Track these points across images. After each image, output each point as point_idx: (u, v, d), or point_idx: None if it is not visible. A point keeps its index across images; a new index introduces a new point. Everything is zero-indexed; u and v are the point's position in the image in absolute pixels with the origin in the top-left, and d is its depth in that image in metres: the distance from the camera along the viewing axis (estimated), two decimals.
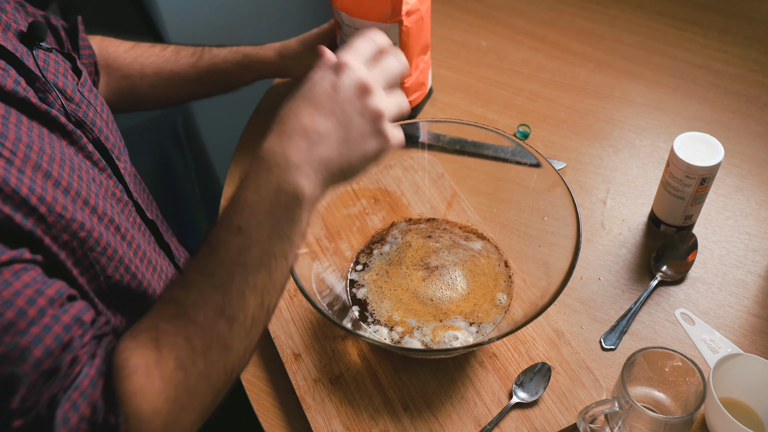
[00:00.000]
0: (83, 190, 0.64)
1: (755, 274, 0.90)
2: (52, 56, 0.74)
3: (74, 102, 0.73)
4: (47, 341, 0.51)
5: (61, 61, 0.76)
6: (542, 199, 0.86)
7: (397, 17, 0.94)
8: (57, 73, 0.73)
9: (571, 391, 0.78)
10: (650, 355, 0.73)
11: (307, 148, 0.56)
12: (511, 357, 0.81)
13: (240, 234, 0.56)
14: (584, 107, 1.14)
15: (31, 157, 0.58)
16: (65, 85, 0.73)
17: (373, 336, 0.81)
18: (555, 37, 1.27)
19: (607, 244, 0.94)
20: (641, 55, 1.22)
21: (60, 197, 0.60)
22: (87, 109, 0.75)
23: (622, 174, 1.03)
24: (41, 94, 0.67)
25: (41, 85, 0.67)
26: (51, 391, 0.51)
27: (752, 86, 1.15)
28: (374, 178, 0.97)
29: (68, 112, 0.70)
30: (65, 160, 0.64)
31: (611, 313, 0.87)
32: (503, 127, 1.10)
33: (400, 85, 1.02)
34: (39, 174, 0.59)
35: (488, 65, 1.22)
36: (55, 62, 0.74)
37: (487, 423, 0.76)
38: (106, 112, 0.80)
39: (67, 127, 0.66)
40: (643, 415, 0.69)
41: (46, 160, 0.60)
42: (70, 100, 0.72)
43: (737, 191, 1.00)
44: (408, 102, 0.69)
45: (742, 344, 0.83)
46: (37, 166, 0.59)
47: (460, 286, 0.86)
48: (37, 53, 0.71)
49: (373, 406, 0.77)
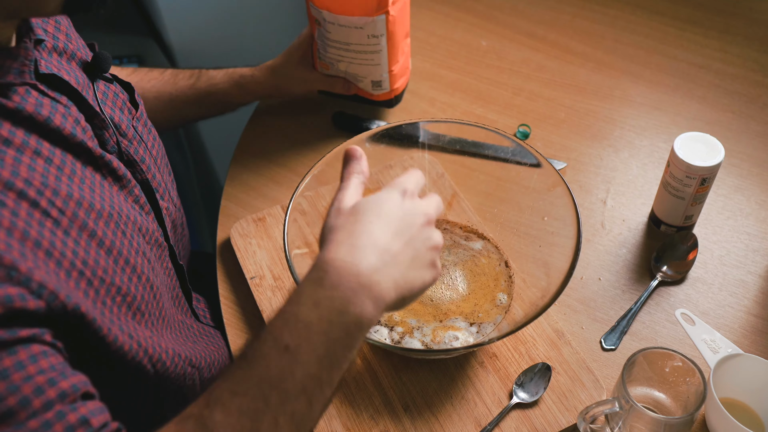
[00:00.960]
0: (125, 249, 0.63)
1: (755, 274, 0.90)
2: (112, 88, 0.73)
3: (127, 138, 0.72)
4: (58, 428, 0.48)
5: (120, 93, 0.75)
6: (542, 199, 0.86)
7: (384, 9, 0.94)
8: (114, 107, 0.72)
9: (571, 392, 0.78)
10: (650, 355, 0.73)
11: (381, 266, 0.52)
12: (512, 357, 0.81)
13: (287, 353, 0.49)
14: (584, 107, 1.14)
15: (79, 215, 0.58)
16: (121, 120, 0.72)
17: (373, 336, 0.81)
18: (555, 37, 1.27)
19: (607, 244, 0.94)
20: (641, 55, 1.22)
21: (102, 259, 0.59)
22: (138, 146, 0.73)
23: (622, 174, 1.03)
24: (98, 131, 0.66)
25: (99, 122, 0.66)
26: None
27: (752, 86, 1.15)
28: (374, 178, 0.97)
29: (121, 149, 0.70)
30: (113, 215, 0.63)
31: (611, 313, 0.87)
32: (503, 127, 1.10)
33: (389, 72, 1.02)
34: (84, 234, 0.58)
35: (488, 65, 1.22)
36: (114, 94, 0.73)
37: (487, 423, 0.76)
38: (156, 149, 0.78)
39: (118, 172, 0.66)
40: (644, 415, 0.69)
41: (93, 217, 0.60)
42: (123, 135, 0.71)
43: (737, 191, 1.00)
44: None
45: (742, 344, 0.83)
46: (83, 225, 0.58)
47: (460, 286, 0.86)
48: (98, 85, 0.70)
49: (373, 406, 0.77)
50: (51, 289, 0.52)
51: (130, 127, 0.73)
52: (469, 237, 0.92)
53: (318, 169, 0.85)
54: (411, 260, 0.54)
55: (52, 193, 0.56)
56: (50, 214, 0.55)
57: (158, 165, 0.78)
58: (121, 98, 0.74)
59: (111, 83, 0.74)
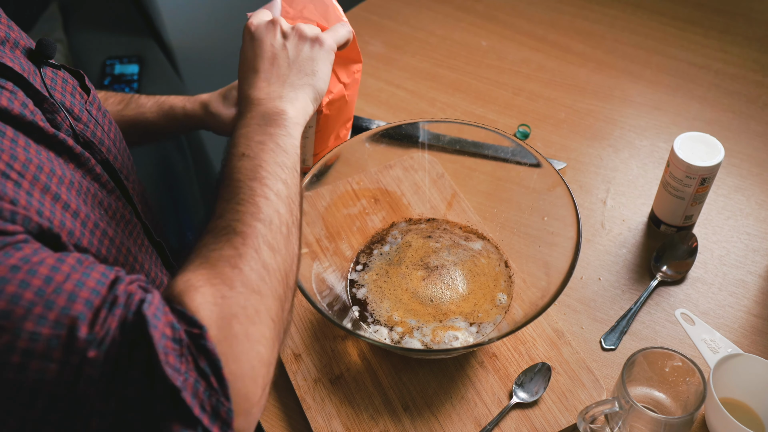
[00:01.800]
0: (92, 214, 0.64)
1: (755, 274, 0.90)
2: (60, 74, 0.73)
3: (82, 122, 0.72)
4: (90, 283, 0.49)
5: (69, 79, 0.75)
6: (542, 199, 0.86)
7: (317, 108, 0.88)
8: (65, 92, 0.72)
9: (571, 391, 0.78)
10: (650, 355, 0.73)
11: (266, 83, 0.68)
12: (511, 357, 0.81)
13: (246, 158, 0.61)
14: (584, 107, 1.14)
15: (40, 178, 0.58)
16: (73, 104, 0.72)
17: (373, 336, 0.81)
18: (555, 37, 1.27)
19: (607, 244, 0.94)
20: (641, 55, 1.22)
21: (68, 221, 0.60)
22: (95, 128, 0.74)
23: (622, 174, 1.03)
24: (49, 115, 0.66)
25: (49, 106, 0.67)
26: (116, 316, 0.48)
27: (752, 86, 1.15)
28: (374, 178, 0.98)
29: (76, 132, 0.70)
30: (73, 183, 0.63)
31: (611, 313, 0.87)
32: (503, 127, 1.10)
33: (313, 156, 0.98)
34: (48, 197, 0.58)
35: (488, 65, 1.22)
36: (63, 80, 0.73)
37: (487, 423, 0.76)
38: (114, 132, 0.79)
39: (74, 150, 0.66)
40: (643, 415, 0.69)
41: (55, 182, 0.60)
42: (77, 119, 0.71)
43: (737, 191, 1.00)
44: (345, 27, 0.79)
45: (742, 344, 0.83)
46: (46, 188, 0.58)
47: (460, 286, 0.86)
48: (45, 71, 0.70)
49: (373, 406, 0.77)
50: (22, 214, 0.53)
51: (84, 111, 0.73)
52: (468, 237, 0.92)
53: (318, 169, 0.85)
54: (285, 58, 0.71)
55: (9, 157, 0.56)
56: (9, 176, 0.55)
57: (117, 147, 0.78)
58: (70, 84, 0.74)
59: (58, 69, 0.74)
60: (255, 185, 0.59)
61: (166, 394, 0.47)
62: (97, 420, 0.47)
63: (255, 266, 0.55)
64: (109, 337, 0.47)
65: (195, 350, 0.48)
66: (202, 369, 0.48)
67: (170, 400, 0.47)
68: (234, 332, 0.51)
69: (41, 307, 0.46)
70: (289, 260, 0.59)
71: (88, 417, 0.47)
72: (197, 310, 0.50)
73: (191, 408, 0.47)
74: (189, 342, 0.49)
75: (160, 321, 0.48)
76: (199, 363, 0.48)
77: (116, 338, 0.47)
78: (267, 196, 0.59)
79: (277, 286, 0.56)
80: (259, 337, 0.52)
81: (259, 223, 0.57)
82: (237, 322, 0.51)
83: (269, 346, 0.53)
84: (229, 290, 0.53)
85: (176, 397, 0.47)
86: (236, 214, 0.57)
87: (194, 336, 0.49)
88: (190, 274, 0.53)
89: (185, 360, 0.48)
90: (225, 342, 0.50)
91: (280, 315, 0.56)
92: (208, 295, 0.51)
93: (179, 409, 0.47)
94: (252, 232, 0.56)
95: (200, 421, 0.47)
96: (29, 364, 0.46)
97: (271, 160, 0.61)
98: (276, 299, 0.56)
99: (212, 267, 0.54)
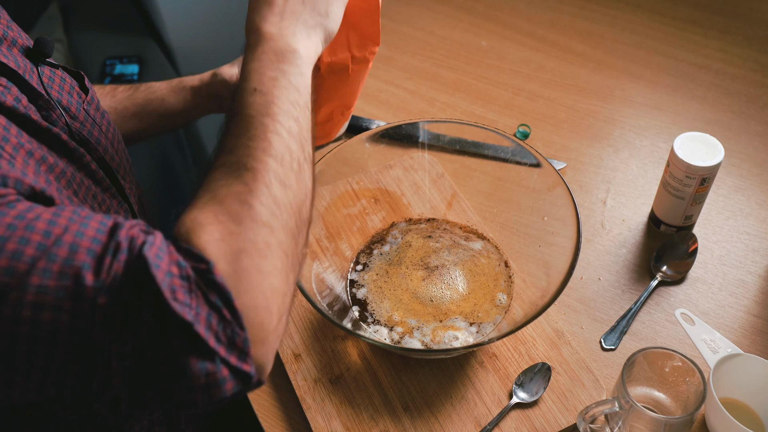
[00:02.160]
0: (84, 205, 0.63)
1: (755, 274, 0.90)
2: (59, 73, 0.73)
3: (78, 120, 0.72)
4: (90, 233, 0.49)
5: (68, 79, 0.75)
6: (542, 199, 0.86)
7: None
8: (62, 91, 0.72)
9: (571, 391, 0.78)
10: (650, 355, 0.73)
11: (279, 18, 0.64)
12: (511, 357, 0.81)
13: (258, 93, 0.59)
14: (584, 107, 1.14)
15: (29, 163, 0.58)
16: (70, 103, 0.72)
17: (373, 336, 0.81)
18: (555, 37, 1.27)
19: (607, 244, 0.94)
20: (641, 55, 1.22)
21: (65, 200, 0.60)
22: (92, 128, 0.74)
23: (622, 174, 1.03)
24: (44, 112, 0.66)
25: (44, 103, 0.67)
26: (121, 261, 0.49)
27: (752, 86, 1.15)
28: (374, 178, 0.98)
29: (72, 130, 0.70)
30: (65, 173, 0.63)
31: (611, 313, 0.87)
32: (503, 127, 1.10)
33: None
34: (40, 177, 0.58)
35: (488, 65, 1.22)
36: (61, 79, 0.73)
37: (487, 423, 0.76)
38: (112, 132, 0.79)
39: (69, 145, 0.66)
40: (643, 415, 0.69)
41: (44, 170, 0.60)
42: (74, 118, 0.71)
43: (737, 191, 1.00)
44: None
45: (742, 344, 0.83)
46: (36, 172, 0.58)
47: (460, 286, 0.86)
48: (43, 69, 0.70)
49: (373, 406, 0.77)
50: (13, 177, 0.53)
51: (81, 110, 0.73)
52: (468, 237, 0.92)
53: (318, 169, 0.85)
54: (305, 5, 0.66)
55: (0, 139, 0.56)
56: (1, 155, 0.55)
57: (115, 148, 0.78)
58: (68, 82, 0.74)
59: (57, 68, 0.74)
60: (267, 121, 0.58)
61: (180, 330, 0.47)
62: (117, 362, 0.48)
63: (265, 201, 0.54)
64: (116, 283, 0.48)
65: (204, 285, 0.49)
66: (213, 302, 0.49)
67: (185, 335, 0.47)
68: (243, 266, 0.51)
69: (44, 261, 0.47)
70: (301, 195, 0.58)
71: (108, 361, 0.48)
72: (204, 248, 0.50)
73: (206, 340, 0.48)
74: (197, 278, 0.49)
75: (163, 261, 0.49)
76: (209, 297, 0.49)
77: (123, 283, 0.48)
78: (279, 132, 0.58)
79: (288, 221, 0.56)
80: (270, 269, 0.52)
81: (270, 158, 0.56)
82: (246, 255, 0.51)
83: (282, 277, 0.53)
84: (237, 226, 0.52)
85: (190, 332, 0.47)
86: (247, 150, 0.56)
87: (201, 272, 0.49)
88: (197, 212, 0.53)
89: (195, 295, 0.48)
90: (235, 276, 0.50)
91: (293, 249, 0.56)
92: (216, 232, 0.51)
93: (195, 342, 0.48)
94: (263, 168, 0.55)
95: (216, 352, 0.48)
96: (41, 316, 0.47)
97: (284, 97, 0.60)
98: (288, 233, 0.55)
99: (220, 203, 0.53)
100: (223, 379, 0.49)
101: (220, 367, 0.48)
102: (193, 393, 0.49)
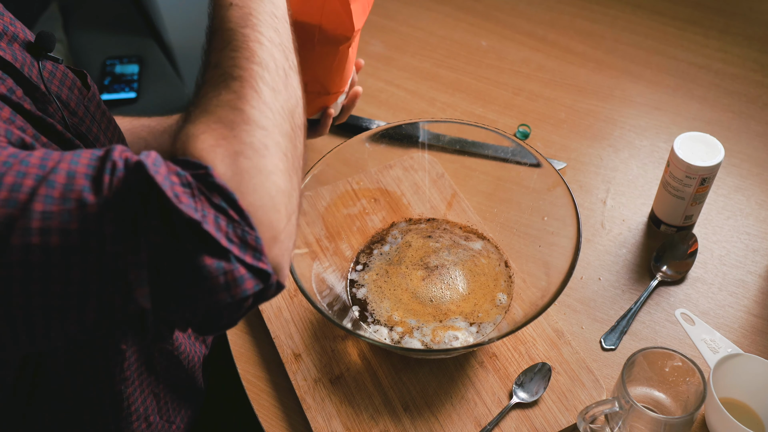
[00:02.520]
0: None
1: (755, 274, 0.90)
2: (61, 68, 0.73)
3: (77, 116, 0.71)
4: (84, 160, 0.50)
5: (70, 75, 0.74)
6: (542, 199, 0.86)
7: None
8: (62, 86, 0.71)
9: (571, 391, 0.78)
10: (650, 355, 0.73)
11: None
12: (511, 357, 0.81)
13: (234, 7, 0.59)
14: (584, 107, 1.14)
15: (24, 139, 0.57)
16: (69, 98, 0.71)
17: (373, 336, 0.81)
18: (555, 37, 1.27)
19: (607, 244, 0.94)
20: (641, 55, 1.22)
21: None
22: (91, 123, 0.73)
23: (622, 174, 1.03)
24: (40, 104, 0.66)
25: (40, 96, 0.66)
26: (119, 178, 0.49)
27: (752, 86, 1.15)
28: (374, 178, 0.98)
29: (69, 124, 0.69)
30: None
31: (611, 313, 0.87)
32: (503, 127, 1.10)
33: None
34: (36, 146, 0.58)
35: (488, 65, 1.22)
36: (63, 74, 0.72)
37: (487, 423, 0.76)
38: (111, 130, 0.78)
39: (64, 135, 0.65)
40: (643, 415, 0.69)
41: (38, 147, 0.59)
42: (73, 113, 0.71)
43: (737, 191, 1.00)
44: None
45: (742, 344, 0.83)
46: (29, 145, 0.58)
47: (460, 286, 0.86)
48: (44, 64, 0.70)
49: (373, 406, 0.77)
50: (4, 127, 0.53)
51: (81, 106, 0.73)
52: (468, 237, 0.92)
53: (318, 169, 0.85)
54: None
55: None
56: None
57: None
58: (70, 78, 0.74)
59: (59, 63, 0.73)
60: (247, 32, 0.58)
61: (190, 230, 0.47)
62: (134, 272, 0.48)
63: (256, 105, 0.54)
64: (119, 196, 0.48)
65: (206, 189, 0.49)
66: (217, 204, 0.48)
67: (196, 236, 0.47)
68: (243, 167, 0.51)
69: (44, 188, 0.47)
70: (292, 100, 0.58)
71: (125, 272, 0.48)
72: (200, 155, 0.51)
73: (218, 239, 0.47)
74: (198, 183, 0.49)
75: (162, 168, 0.48)
76: (213, 200, 0.49)
77: (126, 195, 0.48)
78: (260, 41, 0.58)
79: (282, 123, 0.56)
80: (272, 168, 0.52)
81: (255, 65, 0.56)
82: (244, 156, 0.51)
83: (285, 177, 0.53)
84: (231, 131, 0.52)
85: (199, 231, 0.47)
86: (231, 60, 0.57)
87: (201, 176, 0.49)
88: (189, 125, 0.53)
89: (199, 199, 0.48)
90: (235, 177, 0.50)
91: (292, 150, 0.56)
92: (210, 139, 0.51)
93: (207, 242, 0.47)
94: (249, 75, 0.56)
95: (230, 251, 0.48)
96: (50, 241, 0.47)
97: (261, 9, 0.60)
98: (284, 135, 0.55)
99: (211, 114, 0.54)
100: (241, 277, 0.49)
101: (236, 266, 0.48)
102: (215, 294, 0.48)
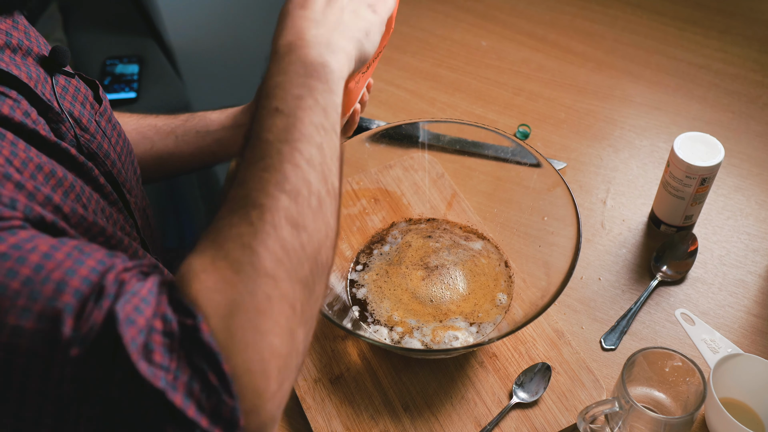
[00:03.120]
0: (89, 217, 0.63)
1: (755, 274, 0.90)
2: (73, 82, 0.73)
3: (89, 132, 0.71)
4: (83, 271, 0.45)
5: (82, 88, 0.74)
6: (542, 199, 0.86)
7: None
8: (75, 102, 0.71)
9: (571, 391, 0.78)
10: (650, 355, 0.73)
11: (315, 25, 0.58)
12: (511, 357, 0.81)
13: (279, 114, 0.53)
14: (584, 107, 1.14)
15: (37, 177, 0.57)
16: (81, 114, 0.71)
17: (373, 336, 0.81)
18: (555, 37, 1.27)
19: (607, 244, 0.94)
20: (641, 55, 1.22)
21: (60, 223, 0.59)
22: (101, 140, 0.73)
23: (622, 174, 1.03)
24: (53, 124, 0.65)
25: (54, 116, 0.66)
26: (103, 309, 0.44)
27: (752, 86, 1.15)
28: (374, 178, 0.98)
29: (81, 143, 0.69)
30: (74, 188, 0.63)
31: (611, 313, 0.87)
32: (503, 127, 1.10)
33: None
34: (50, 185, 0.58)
35: (488, 65, 1.22)
36: (75, 89, 0.72)
37: (487, 423, 0.76)
38: (121, 145, 0.78)
39: (77, 159, 0.65)
40: (643, 415, 0.69)
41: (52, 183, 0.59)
42: (84, 130, 0.70)
43: (737, 191, 1.00)
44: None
45: (742, 344, 0.83)
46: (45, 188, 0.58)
47: (460, 286, 0.86)
48: (57, 79, 0.69)
49: (373, 406, 0.77)
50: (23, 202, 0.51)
51: (92, 121, 0.72)
52: (468, 237, 0.92)
53: None
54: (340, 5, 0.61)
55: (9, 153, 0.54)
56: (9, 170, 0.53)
57: (123, 161, 0.77)
58: (82, 93, 0.73)
59: (72, 78, 0.73)
60: (285, 149, 0.51)
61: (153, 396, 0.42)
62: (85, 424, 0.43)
63: (271, 246, 0.48)
64: (93, 333, 0.43)
65: (189, 344, 0.43)
66: (196, 365, 0.43)
67: (159, 402, 0.42)
68: (238, 322, 0.45)
69: (25, 299, 0.43)
70: (320, 236, 0.51)
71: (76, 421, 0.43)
72: (195, 299, 0.45)
73: (184, 410, 0.42)
74: (181, 335, 0.44)
75: (143, 314, 0.44)
76: (193, 359, 0.43)
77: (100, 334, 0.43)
78: (297, 162, 0.51)
79: (298, 268, 0.49)
80: (270, 326, 0.46)
81: (283, 194, 0.50)
82: (242, 311, 0.45)
83: (285, 336, 0.47)
84: (235, 274, 0.46)
85: (163, 399, 0.42)
86: (258, 182, 0.50)
87: (187, 328, 0.44)
88: (194, 256, 0.48)
89: (176, 356, 0.43)
90: (226, 333, 0.44)
91: (304, 299, 0.49)
92: (210, 281, 0.46)
93: (172, 412, 0.42)
94: (273, 205, 0.49)
95: (197, 423, 0.43)
96: (13, 360, 0.43)
97: (308, 119, 0.53)
98: (297, 282, 0.49)
99: (220, 247, 0.48)
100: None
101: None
102: None
